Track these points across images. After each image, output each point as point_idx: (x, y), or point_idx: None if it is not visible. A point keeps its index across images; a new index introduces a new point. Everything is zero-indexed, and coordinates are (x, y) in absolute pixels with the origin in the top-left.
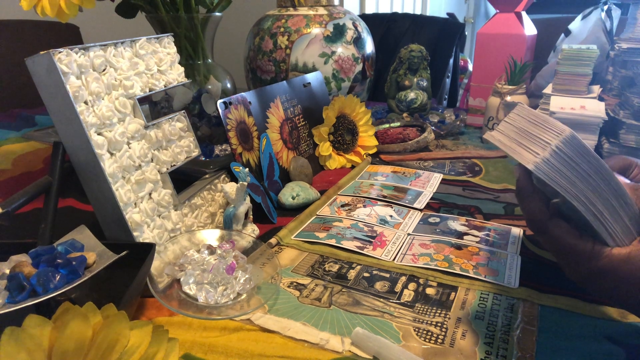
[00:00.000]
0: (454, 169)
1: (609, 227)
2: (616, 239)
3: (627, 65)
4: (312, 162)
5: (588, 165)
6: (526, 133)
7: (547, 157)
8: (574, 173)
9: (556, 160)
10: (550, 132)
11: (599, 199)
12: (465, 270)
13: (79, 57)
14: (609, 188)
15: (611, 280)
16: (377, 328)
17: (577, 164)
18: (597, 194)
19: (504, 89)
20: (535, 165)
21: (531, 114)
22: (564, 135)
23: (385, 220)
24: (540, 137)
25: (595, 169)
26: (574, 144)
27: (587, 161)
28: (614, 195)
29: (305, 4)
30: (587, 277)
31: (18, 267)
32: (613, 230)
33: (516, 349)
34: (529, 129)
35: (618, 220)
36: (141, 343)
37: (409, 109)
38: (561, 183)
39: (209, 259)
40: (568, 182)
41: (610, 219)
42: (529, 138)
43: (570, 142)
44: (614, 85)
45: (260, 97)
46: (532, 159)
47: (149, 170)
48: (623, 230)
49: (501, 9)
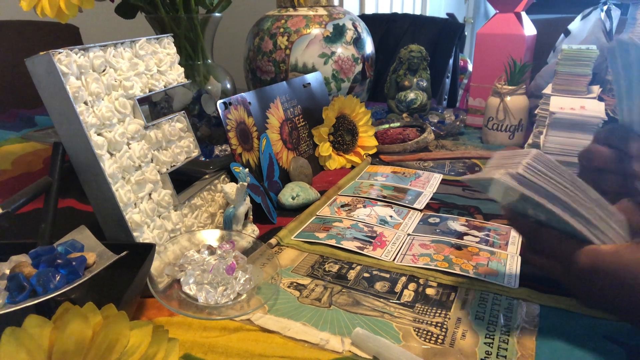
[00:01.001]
0: (454, 169)
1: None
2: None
3: None
4: (312, 163)
5: (562, 178)
6: (500, 164)
7: (520, 172)
8: (549, 184)
9: (530, 175)
10: (519, 156)
11: (582, 208)
12: (465, 270)
13: (78, 58)
14: (589, 198)
15: (600, 280)
16: (377, 328)
17: (551, 177)
18: (577, 203)
19: (504, 89)
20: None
21: (502, 155)
22: (531, 153)
23: (385, 220)
24: (512, 161)
25: (569, 181)
26: (542, 160)
27: (559, 174)
28: (596, 205)
29: (305, 5)
30: (578, 278)
31: (18, 267)
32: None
33: (516, 349)
34: (502, 162)
35: (606, 228)
36: (141, 343)
37: (409, 109)
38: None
39: (209, 259)
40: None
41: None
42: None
43: (539, 158)
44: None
45: (260, 98)
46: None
47: (149, 170)
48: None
49: (501, 9)
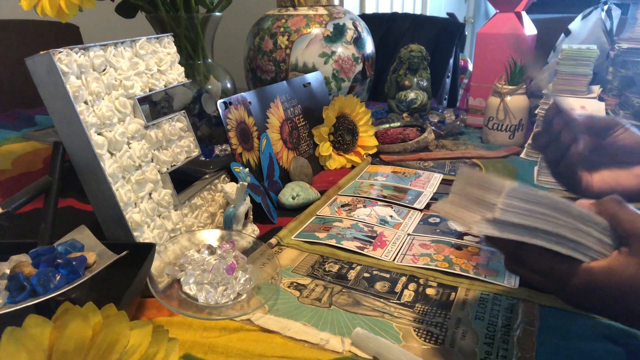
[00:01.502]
0: (454, 169)
1: (583, 249)
2: (594, 256)
3: (627, 65)
4: (312, 162)
5: (541, 207)
6: (474, 200)
7: (497, 217)
8: (529, 219)
9: (508, 216)
10: (492, 191)
11: (566, 231)
12: (466, 270)
13: (79, 57)
14: (572, 217)
15: (597, 296)
16: (377, 328)
17: (529, 209)
18: (560, 227)
19: (504, 89)
20: (478, 228)
21: (472, 177)
22: (505, 189)
23: (385, 220)
24: (485, 200)
25: (549, 206)
26: (517, 194)
27: (538, 203)
28: (579, 221)
29: (305, 4)
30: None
31: (18, 267)
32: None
33: (516, 349)
34: (474, 193)
35: (591, 240)
36: (141, 343)
37: (409, 109)
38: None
39: (209, 259)
40: (524, 229)
41: (584, 242)
42: (478, 204)
43: (513, 195)
44: (614, 85)
45: (260, 97)
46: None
47: (149, 170)
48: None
49: (501, 9)
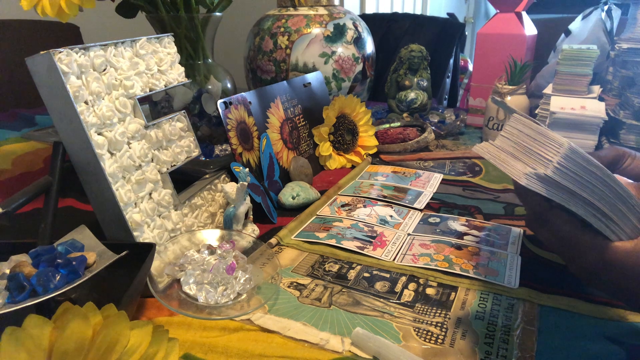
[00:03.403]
0: (454, 169)
1: (614, 228)
2: (622, 236)
3: (627, 65)
4: (312, 162)
5: (591, 176)
6: (524, 149)
7: (548, 174)
8: (577, 185)
9: (558, 176)
10: (550, 148)
11: (606, 205)
12: (466, 270)
13: (79, 57)
14: (614, 194)
15: (615, 274)
16: (377, 328)
17: (580, 175)
18: (603, 201)
19: (504, 89)
20: (526, 181)
21: (527, 127)
22: (563, 149)
23: (385, 220)
24: (539, 153)
25: (598, 177)
26: (575, 157)
27: (590, 172)
28: (620, 200)
29: (306, 4)
30: (591, 270)
31: (18, 267)
32: (618, 230)
33: (516, 349)
34: (528, 144)
35: (626, 222)
36: (141, 343)
37: (409, 109)
38: (562, 195)
39: (209, 259)
40: (569, 194)
41: (618, 222)
42: (528, 154)
43: (571, 156)
44: (614, 86)
45: (260, 97)
46: (524, 173)
47: (149, 170)
48: (632, 230)
49: (501, 9)
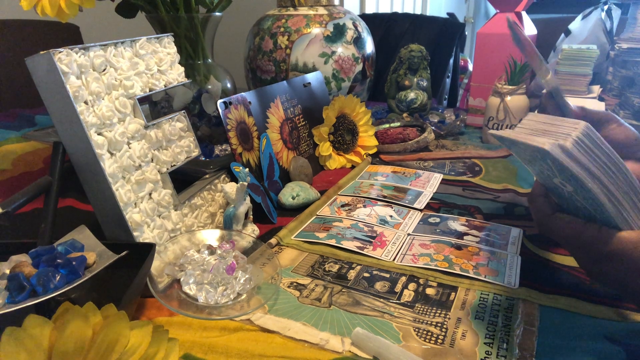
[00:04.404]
0: (454, 169)
1: (626, 215)
2: (633, 225)
3: (627, 65)
4: (312, 162)
5: (606, 157)
6: (543, 131)
7: (568, 146)
8: (594, 163)
9: (577, 150)
10: (568, 127)
11: (619, 191)
12: (465, 270)
13: (79, 57)
14: (628, 184)
15: (621, 265)
16: (377, 328)
17: (596, 154)
18: (616, 185)
19: (504, 89)
20: (551, 146)
21: (544, 118)
22: (580, 126)
23: (385, 220)
24: (558, 131)
25: (614, 163)
26: (591, 134)
27: (605, 153)
28: (633, 190)
29: (305, 4)
30: (597, 262)
31: (18, 267)
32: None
33: (516, 349)
34: (545, 128)
35: (635, 211)
36: (141, 343)
37: (409, 109)
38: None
39: (209, 259)
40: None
41: (629, 209)
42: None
43: (588, 133)
44: (614, 85)
45: (260, 97)
46: (549, 141)
47: (149, 170)
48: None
49: (501, 9)
